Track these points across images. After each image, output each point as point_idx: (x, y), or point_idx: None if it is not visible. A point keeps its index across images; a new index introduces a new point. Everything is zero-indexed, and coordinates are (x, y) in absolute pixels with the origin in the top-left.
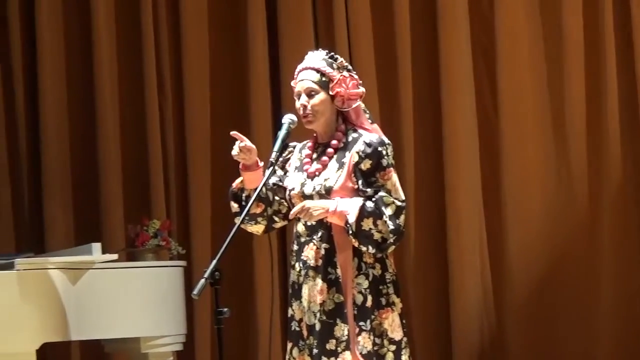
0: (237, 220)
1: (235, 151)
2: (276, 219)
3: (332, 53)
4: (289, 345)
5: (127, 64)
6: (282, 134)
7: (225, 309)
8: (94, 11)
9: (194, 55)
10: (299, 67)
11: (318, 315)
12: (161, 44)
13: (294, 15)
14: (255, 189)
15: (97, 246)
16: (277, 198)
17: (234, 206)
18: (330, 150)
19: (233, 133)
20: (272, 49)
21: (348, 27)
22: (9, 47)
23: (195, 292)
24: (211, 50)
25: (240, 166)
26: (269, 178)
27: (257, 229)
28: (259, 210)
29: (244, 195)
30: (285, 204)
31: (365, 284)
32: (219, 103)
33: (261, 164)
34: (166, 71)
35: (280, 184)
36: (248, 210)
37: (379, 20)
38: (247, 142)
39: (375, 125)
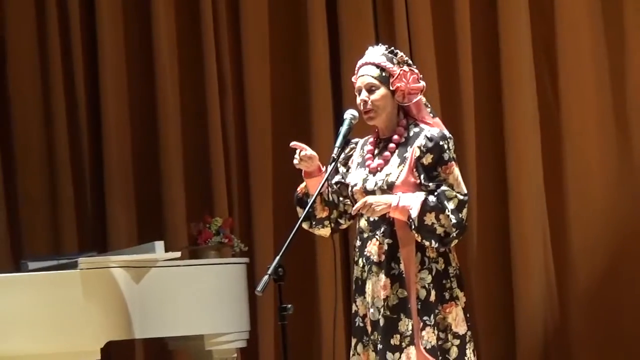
0: (303, 224)
1: (296, 160)
2: (341, 220)
3: (392, 48)
4: (353, 341)
5: (188, 63)
6: (343, 129)
7: (289, 306)
8: (153, 6)
9: (255, 52)
10: (359, 62)
11: (382, 310)
12: (221, 41)
13: (354, 11)
14: (317, 192)
15: (159, 244)
16: (341, 199)
17: (300, 211)
18: (392, 145)
19: (293, 144)
20: (333, 45)
21: (408, 22)
22: (70, 45)
23: (258, 288)
24: (271, 46)
25: (303, 173)
26: (331, 174)
27: (324, 232)
28: (325, 215)
29: (309, 200)
30: (349, 204)
31: (429, 278)
32: (279, 100)
33: (323, 168)
34: (227, 69)
35: (343, 181)
36: (310, 211)
37: (439, 14)
38: (308, 151)
39: (437, 119)
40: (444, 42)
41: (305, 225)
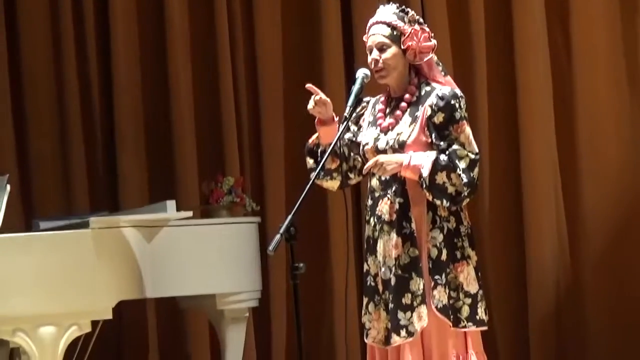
0: (313, 175)
1: (311, 105)
2: (351, 175)
3: (404, 7)
4: (365, 300)
5: (199, 19)
6: (355, 88)
7: (301, 265)
8: None
9: (266, 10)
10: (371, 21)
11: (393, 269)
12: (232, 6)
13: None
14: (332, 145)
15: (171, 204)
16: (352, 154)
17: (310, 162)
18: (403, 104)
19: (308, 86)
20: (344, 3)
21: None
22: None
23: (270, 247)
24: (283, 4)
25: (316, 121)
26: (343, 132)
27: (332, 184)
28: (334, 166)
29: (319, 150)
30: (360, 159)
31: (440, 237)
32: (291, 59)
33: (336, 118)
34: (238, 26)
35: (354, 139)
36: (323, 165)
37: None
38: (322, 95)
39: (449, 78)
40: (457, 1)
41: (312, 175)
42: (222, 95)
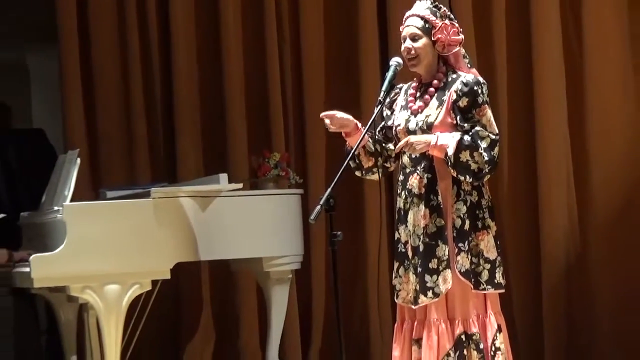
0: (357, 173)
1: (330, 129)
2: (387, 164)
3: (437, 3)
4: (396, 264)
5: (251, 16)
6: (389, 75)
7: (339, 233)
8: None
9: (310, 10)
10: (407, 13)
11: (421, 237)
12: None
13: None
14: (363, 144)
15: (224, 176)
16: (385, 145)
17: (350, 163)
18: (431, 89)
19: (322, 115)
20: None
21: None
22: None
23: (312, 217)
24: (326, 8)
25: (344, 135)
26: (377, 115)
27: (374, 177)
28: (371, 164)
29: (352, 149)
30: (392, 149)
31: (464, 209)
32: (332, 46)
33: (359, 125)
34: (285, 19)
35: (388, 123)
36: (358, 162)
37: None
38: (338, 115)
39: (474, 69)
40: (480, 1)
41: (357, 173)
42: (269, 80)
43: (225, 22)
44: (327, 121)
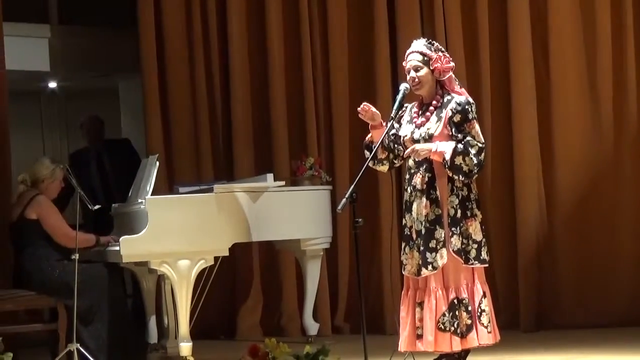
0: (368, 160)
1: (363, 118)
2: (395, 161)
3: (431, 40)
4: (403, 244)
5: (290, 48)
6: (399, 97)
7: (360, 220)
8: (268, 13)
9: (338, 46)
10: (408, 51)
11: (423, 223)
12: (313, 35)
13: (407, 15)
14: (379, 141)
15: (270, 176)
16: (396, 146)
17: (367, 153)
18: (431, 108)
19: (364, 104)
20: (392, 38)
21: (445, 22)
22: (208, 38)
23: (339, 207)
24: (350, 43)
25: (370, 126)
26: (389, 128)
27: (383, 168)
28: (384, 156)
29: (373, 146)
30: (402, 149)
31: (456, 201)
32: (355, 76)
33: (383, 123)
34: (317, 52)
35: (397, 133)
36: (375, 155)
37: (466, 17)
38: (373, 109)
39: (463, 90)
40: (469, 36)
41: (370, 163)
42: (305, 101)
43: (272, 59)
44: (364, 110)
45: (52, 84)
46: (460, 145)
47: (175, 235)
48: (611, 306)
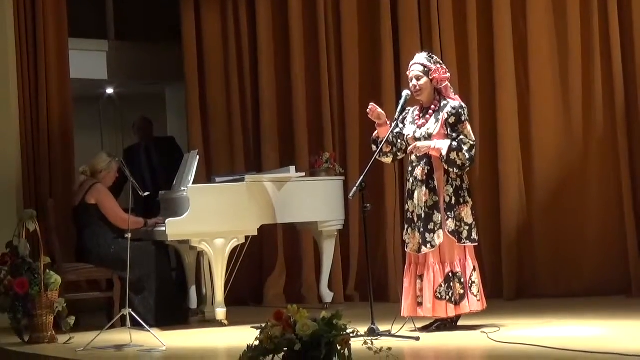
0: (375, 154)
1: (371, 117)
2: (399, 154)
3: (430, 53)
4: (406, 226)
5: (310, 60)
6: (401, 102)
7: (368, 205)
8: (291, 30)
9: (350, 57)
10: (411, 62)
11: (423, 208)
12: (329, 49)
13: (408, 32)
14: (385, 137)
15: (292, 168)
16: (399, 141)
17: (373, 147)
18: (430, 111)
19: (372, 105)
20: (395, 51)
21: (440, 38)
22: (241, 51)
23: (350, 195)
24: (360, 54)
25: (376, 124)
26: (393, 129)
27: (387, 160)
28: (388, 150)
29: (380, 141)
30: (404, 144)
31: (451, 190)
32: (364, 82)
33: (388, 122)
34: (333, 68)
35: (401, 132)
36: (381, 149)
37: (458, 33)
38: (379, 110)
39: (457, 96)
40: (462, 50)
41: (376, 155)
42: (322, 105)
43: (294, 69)
44: (371, 110)
45: (109, 91)
46: (454, 143)
47: (212, 218)
48: (579, 279)
